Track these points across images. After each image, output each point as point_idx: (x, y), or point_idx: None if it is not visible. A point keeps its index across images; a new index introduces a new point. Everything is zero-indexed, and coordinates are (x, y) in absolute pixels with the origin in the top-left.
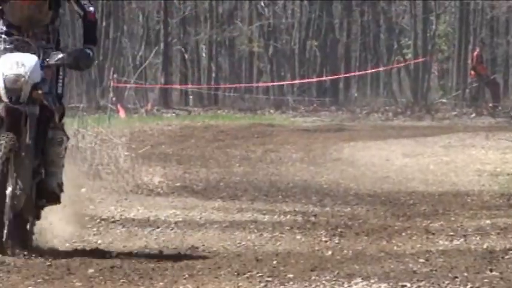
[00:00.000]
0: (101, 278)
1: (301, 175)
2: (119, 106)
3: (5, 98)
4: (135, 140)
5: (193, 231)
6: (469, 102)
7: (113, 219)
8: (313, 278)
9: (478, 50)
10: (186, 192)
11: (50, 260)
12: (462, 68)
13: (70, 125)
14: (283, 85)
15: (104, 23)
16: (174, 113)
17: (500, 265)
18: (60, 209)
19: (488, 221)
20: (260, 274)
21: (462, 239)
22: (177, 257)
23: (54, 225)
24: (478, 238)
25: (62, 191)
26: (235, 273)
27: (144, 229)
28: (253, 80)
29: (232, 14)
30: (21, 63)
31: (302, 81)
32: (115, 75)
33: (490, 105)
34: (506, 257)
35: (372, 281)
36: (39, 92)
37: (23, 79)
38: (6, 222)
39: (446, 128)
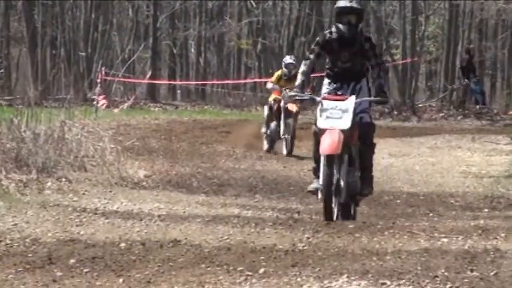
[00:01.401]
0: (81, 268)
1: (286, 172)
2: (101, 97)
3: None
4: (121, 133)
5: (176, 224)
6: (456, 104)
7: (96, 211)
8: (293, 273)
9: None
10: (171, 186)
11: (31, 249)
12: (450, 70)
13: (57, 116)
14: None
15: (93, 16)
16: (161, 107)
17: (480, 266)
18: None
19: (470, 222)
20: (241, 268)
21: (444, 239)
22: (159, 250)
23: None
24: (459, 239)
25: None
26: (217, 267)
27: (127, 221)
28: (241, 77)
29: (221, 10)
30: None
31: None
32: (103, 68)
33: (477, 107)
34: (487, 258)
35: (353, 278)
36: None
37: None
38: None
39: (433, 129)
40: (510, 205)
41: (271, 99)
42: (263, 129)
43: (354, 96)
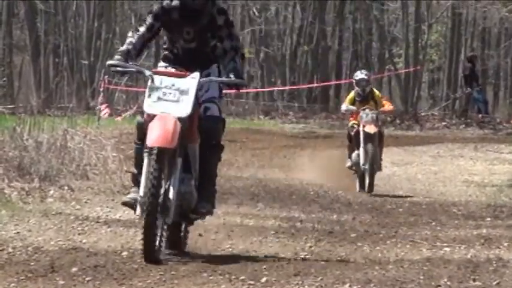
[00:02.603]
0: (84, 276)
1: (288, 181)
2: (104, 106)
3: None
4: (123, 142)
5: None
6: (458, 113)
7: (98, 220)
8: (296, 282)
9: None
10: None
11: (33, 257)
12: (452, 79)
13: (59, 124)
14: (273, 91)
15: (95, 24)
16: None
17: (483, 275)
18: None
19: (473, 231)
20: (243, 277)
21: (446, 249)
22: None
23: None
24: (462, 248)
25: None
26: (219, 276)
27: (129, 230)
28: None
29: None
30: None
31: (292, 87)
32: (106, 77)
33: (480, 116)
34: (490, 267)
35: (355, 287)
36: None
37: None
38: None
39: (435, 138)
40: None
41: (349, 125)
42: (347, 163)
43: (198, 74)
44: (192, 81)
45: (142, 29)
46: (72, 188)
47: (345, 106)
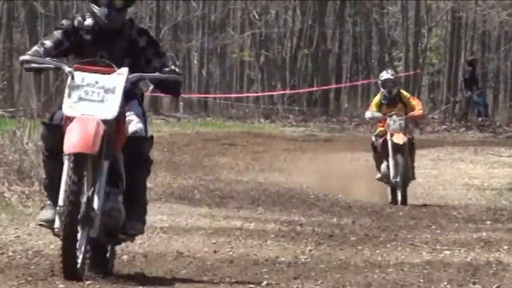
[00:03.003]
0: (84, 280)
1: (288, 184)
2: None
3: None
4: None
5: (178, 236)
6: (458, 116)
7: None
8: (296, 286)
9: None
10: (173, 199)
11: (33, 261)
12: (452, 82)
13: None
14: (273, 94)
15: None
16: (163, 119)
17: (483, 278)
18: None
19: (473, 235)
20: (243, 281)
21: (446, 252)
22: (161, 262)
23: None
24: (462, 251)
25: None
26: (219, 280)
27: None
28: (243, 89)
29: (224, 22)
30: None
31: (292, 91)
32: None
33: (480, 119)
34: (490, 270)
35: None
36: None
37: None
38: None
39: (435, 142)
40: None
41: (375, 133)
42: (377, 175)
43: (126, 69)
44: (118, 78)
45: (48, 43)
46: None
47: (369, 113)
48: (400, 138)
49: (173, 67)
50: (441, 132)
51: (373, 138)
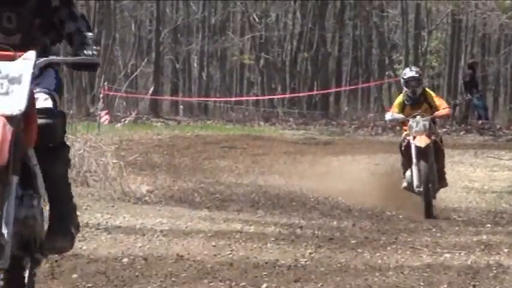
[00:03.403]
0: (84, 283)
1: (288, 187)
2: (103, 113)
3: None
4: (124, 148)
5: (178, 239)
6: (459, 119)
7: (98, 226)
8: None
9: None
10: (173, 202)
11: None
12: (453, 85)
13: None
14: (273, 97)
15: (95, 30)
16: (163, 122)
17: (483, 281)
18: None
19: (473, 238)
20: (243, 284)
21: (446, 255)
22: (161, 265)
23: None
24: (462, 254)
25: None
26: (219, 283)
27: (130, 236)
28: (243, 92)
29: (224, 25)
30: None
31: (292, 95)
32: (106, 83)
33: (480, 122)
34: (490, 273)
35: None
36: None
37: None
38: None
39: None
40: None
41: (402, 138)
42: (403, 184)
43: (33, 53)
44: (24, 64)
45: None
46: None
47: (389, 115)
48: (422, 141)
49: (90, 41)
50: (441, 135)
51: (401, 143)
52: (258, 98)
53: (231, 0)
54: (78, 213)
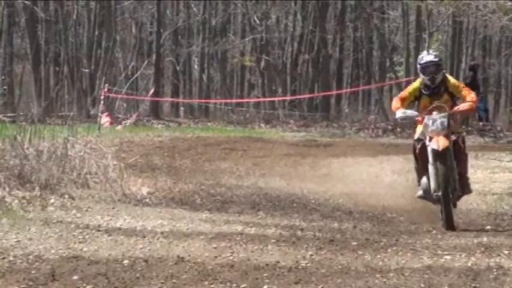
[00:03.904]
0: (84, 285)
1: (289, 189)
2: (104, 115)
3: None
4: (124, 150)
5: (179, 241)
6: (459, 121)
7: (99, 228)
8: None
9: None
10: (174, 203)
11: (34, 266)
12: None
13: (60, 133)
14: (274, 99)
15: (96, 33)
16: (164, 124)
17: (483, 283)
18: None
19: (474, 240)
20: (244, 285)
21: (447, 257)
22: (162, 267)
23: None
24: (463, 256)
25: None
26: (220, 284)
27: (130, 238)
28: (244, 93)
29: (225, 27)
30: None
31: (293, 97)
32: (106, 85)
33: (481, 124)
34: (490, 275)
35: None
36: None
37: None
38: None
39: None
40: None
41: (415, 137)
42: (418, 192)
43: None
44: None
45: None
46: (73, 197)
47: (401, 112)
48: (440, 143)
49: None
50: None
51: (414, 144)
52: (258, 99)
53: (231, 2)
54: (78, 214)
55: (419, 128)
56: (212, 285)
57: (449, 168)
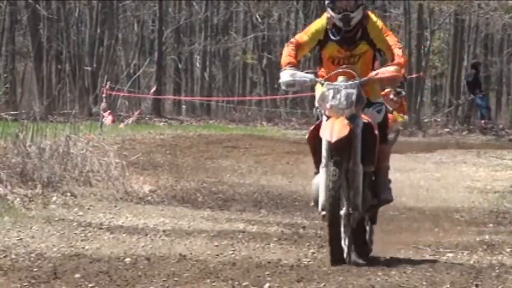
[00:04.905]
0: (86, 283)
1: (291, 187)
2: (107, 113)
3: None
4: (126, 148)
5: (181, 239)
6: (461, 119)
7: (101, 226)
8: None
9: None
10: (176, 201)
11: (36, 264)
12: (455, 85)
13: (62, 131)
14: (275, 97)
15: (98, 31)
16: (166, 122)
17: (486, 281)
18: None
19: (476, 237)
20: (246, 284)
21: (449, 254)
22: (164, 265)
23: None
24: (465, 254)
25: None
26: (222, 282)
27: (132, 236)
28: (246, 91)
29: (227, 25)
30: None
31: (295, 95)
32: (108, 83)
33: (483, 122)
34: (492, 273)
35: None
36: None
37: None
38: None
39: (438, 144)
40: None
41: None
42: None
43: None
44: None
45: None
46: (75, 195)
47: (288, 74)
48: (333, 130)
49: None
50: (444, 135)
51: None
52: (260, 98)
53: (233, 0)
54: (80, 212)
55: (319, 88)
56: (214, 283)
57: (350, 172)
